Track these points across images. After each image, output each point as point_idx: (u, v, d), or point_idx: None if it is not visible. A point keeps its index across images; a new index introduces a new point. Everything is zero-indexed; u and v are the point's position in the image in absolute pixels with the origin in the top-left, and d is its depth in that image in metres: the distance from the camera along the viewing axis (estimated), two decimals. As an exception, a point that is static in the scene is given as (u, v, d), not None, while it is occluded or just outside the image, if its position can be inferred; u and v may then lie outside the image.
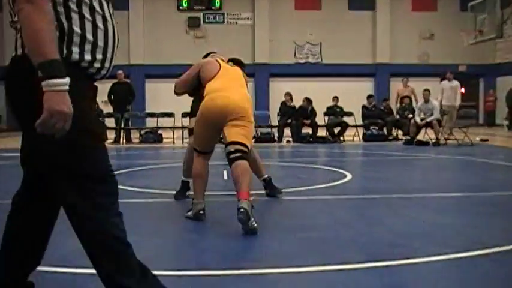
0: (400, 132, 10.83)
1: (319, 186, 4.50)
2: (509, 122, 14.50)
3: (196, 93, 3.39)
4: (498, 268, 2.20)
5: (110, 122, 10.07)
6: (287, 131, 10.60)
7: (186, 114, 5.40)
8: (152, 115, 11.80)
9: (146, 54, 16.86)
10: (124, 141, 10.25)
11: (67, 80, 1.20)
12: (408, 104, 10.85)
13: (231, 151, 2.92)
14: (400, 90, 11.86)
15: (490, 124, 16.57)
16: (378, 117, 10.79)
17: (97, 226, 1.34)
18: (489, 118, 17.15)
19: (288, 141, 10.41)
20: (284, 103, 10.88)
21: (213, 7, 17.44)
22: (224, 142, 3.02)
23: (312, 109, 10.53)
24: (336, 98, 11.25)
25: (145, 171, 5.76)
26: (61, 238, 1.72)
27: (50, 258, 1.57)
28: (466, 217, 3.25)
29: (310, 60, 17.82)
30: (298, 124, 10.37)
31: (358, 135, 10.75)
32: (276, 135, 10.52)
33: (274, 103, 14.61)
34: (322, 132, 10.65)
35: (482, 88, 18.30)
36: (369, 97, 11.26)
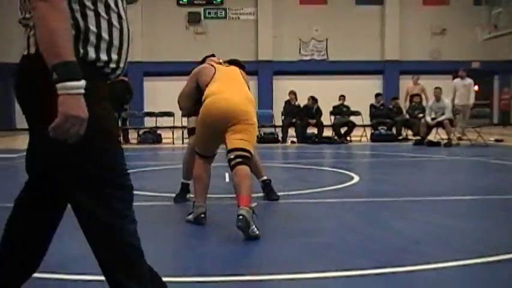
0: (410, 132, 10.81)
1: (324, 188, 4.50)
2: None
3: (200, 103, 3.41)
4: (513, 275, 2.19)
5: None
6: (291, 131, 10.61)
7: (186, 113, 5.40)
8: (151, 114, 11.83)
9: (144, 51, 16.91)
10: (122, 141, 10.29)
11: (83, 83, 1.19)
12: (418, 103, 10.84)
13: (231, 158, 2.95)
14: (410, 87, 11.84)
15: (505, 124, 16.52)
16: (387, 116, 10.78)
17: (113, 233, 1.33)
18: (504, 117, 17.10)
19: (293, 141, 10.41)
20: (288, 102, 10.89)
21: (214, 2, 17.49)
22: (226, 149, 3.05)
23: (318, 108, 10.53)
24: (343, 97, 11.24)
25: (143, 173, 5.78)
26: (59, 242, 1.73)
27: (48, 263, 1.58)
28: (479, 221, 3.24)
29: (315, 57, 17.83)
30: (303, 124, 10.37)
31: (365, 135, 10.74)
32: (280, 135, 10.53)
33: (278, 102, 14.63)
34: (328, 132, 10.65)
35: (496, 86, 18.25)
36: (377, 95, 11.25)
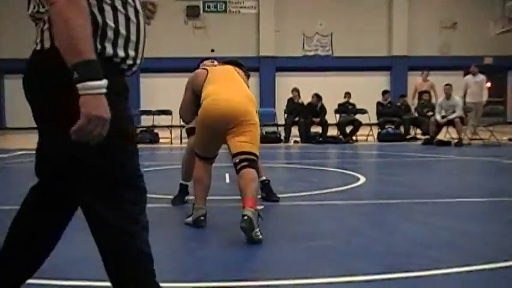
0: (419, 131, 10.80)
1: (329, 190, 4.50)
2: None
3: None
4: (526, 280, 2.19)
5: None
6: (294, 130, 10.61)
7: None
8: (147, 113, 11.86)
9: (141, 46, 16.92)
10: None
11: (105, 82, 1.19)
12: (427, 101, 10.83)
13: (237, 162, 2.97)
14: (419, 84, 11.82)
15: (519, 122, 16.50)
16: (394, 114, 10.77)
17: (123, 238, 1.32)
18: (518, 115, 17.07)
19: (296, 141, 10.42)
20: (291, 100, 10.89)
21: (214, -5, 17.52)
22: (230, 153, 3.07)
23: (322, 106, 10.53)
24: (348, 94, 11.24)
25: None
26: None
27: (43, 268, 1.58)
28: (492, 224, 3.23)
29: (319, 52, 17.82)
30: (306, 123, 10.37)
31: (372, 134, 10.74)
32: (283, 134, 10.53)
33: (280, 100, 14.63)
34: (332, 131, 10.65)
35: (510, 82, 18.22)
36: (385, 93, 11.25)
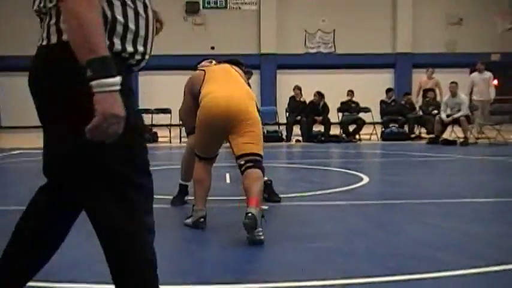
0: (424, 130, 10.80)
1: (332, 190, 4.50)
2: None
3: None
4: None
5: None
6: (296, 129, 10.61)
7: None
8: (146, 111, 11.78)
9: (139, 43, 16.92)
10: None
11: (119, 79, 1.19)
12: (432, 99, 10.82)
13: (242, 164, 2.99)
14: (423, 81, 11.80)
15: (527, 121, 16.47)
16: (399, 113, 10.77)
17: (128, 241, 1.31)
18: (527, 114, 17.04)
19: (298, 140, 10.42)
20: (293, 98, 10.89)
21: (214, -10, 17.49)
22: (233, 154, 3.08)
23: (324, 104, 10.52)
24: (351, 92, 11.24)
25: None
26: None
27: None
28: (499, 226, 3.23)
29: (322, 49, 17.80)
30: (308, 121, 10.37)
31: (376, 133, 10.73)
32: (284, 133, 10.53)
33: (282, 98, 14.61)
34: (335, 130, 10.64)
35: (517, 80, 18.18)
36: (388, 91, 11.24)
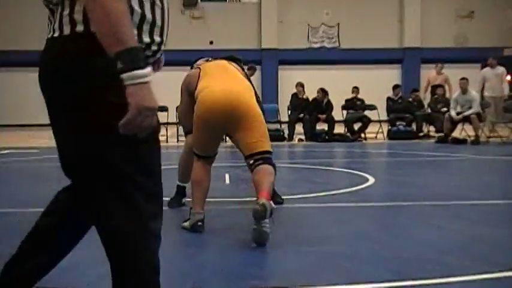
0: (432, 128, 10.79)
1: (336, 191, 4.50)
2: None
3: None
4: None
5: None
6: (299, 128, 10.60)
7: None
8: (141, 109, 11.83)
9: (134, 38, 16.93)
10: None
11: (150, 70, 1.20)
12: (442, 95, 10.81)
13: (251, 163, 3.03)
14: (432, 77, 11.80)
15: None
16: (406, 111, 10.76)
17: (133, 245, 1.30)
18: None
19: (300, 139, 10.42)
20: (295, 95, 10.88)
21: (212, -18, 17.50)
22: (242, 154, 3.11)
23: (328, 102, 10.52)
24: (356, 89, 11.23)
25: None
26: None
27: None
28: (509, 229, 3.23)
29: (325, 44, 17.80)
30: (311, 119, 10.37)
31: (382, 132, 10.72)
32: (286, 132, 10.53)
33: (283, 95, 14.63)
34: (339, 128, 10.64)
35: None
36: (395, 87, 11.23)
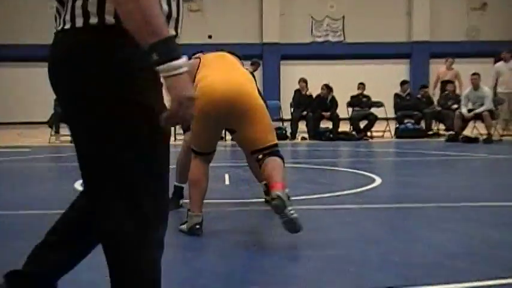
0: (442, 126, 10.79)
1: (341, 192, 4.51)
2: None
3: None
4: None
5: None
6: (302, 126, 10.61)
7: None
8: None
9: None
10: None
11: (185, 59, 1.22)
12: (452, 91, 10.80)
13: (259, 158, 3.09)
14: (441, 72, 11.78)
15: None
16: (414, 108, 10.76)
17: (130, 251, 1.31)
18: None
19: (303, 137, 10.42)
20: (298, 91, 10.89)
21: (212, -26, 17.48)
22: (247, 148, 3.16)
23: (333, 99, 10.52)
24: (362, 85, 11.23)
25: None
26: (25, 258, 1.73)
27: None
28: (524, 231, 3.22)
29: (330, 38, 17.80)
30: (315, 117, 10.37)
31: (389, 130, 10.73)
32: (289, 130, 10.54)
33: (286, 92, 14.62)
34: (344, 126, 10.65)
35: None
36: (403, 83, 11.22)
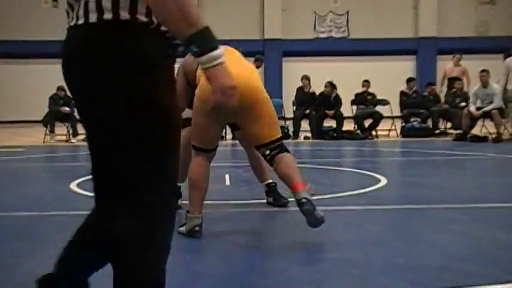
0: (450, 125, 10.79)
1: (345, 193, 4.51)
2: None
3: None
4: None
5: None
6: (305, 125, 10.61)
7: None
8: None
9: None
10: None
11: (223, 49, 1.23)
12: (460, 89, 10.80)
13: (267, 154, 3.13)
14: (448, 69, 11.76)
15: None
16: (421, 106, 10.76)
17: (141, 262, 1.30)
18: None
19: (306, 137, 10.43)
20: (301, 89, 10.89)
21: (211, -32, 17.49)
22: (253, 144, 3.19)
23: (336, 96, 10.53)
24: (367, 83, 11.23)
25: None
26: (19, 259, 1.74)
27: (6, 282, 1.59)
28: (535, 233, 3.22)
29: (334, 34, 17.80)
30: (318, 115, 10.38)
31: (395, 129, 10.73)
32: (291, 129, 10.54)
33: (288, 89, 14.62)
34: (349, 125, 10.65)
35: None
36: (409, 81, 11.22)
